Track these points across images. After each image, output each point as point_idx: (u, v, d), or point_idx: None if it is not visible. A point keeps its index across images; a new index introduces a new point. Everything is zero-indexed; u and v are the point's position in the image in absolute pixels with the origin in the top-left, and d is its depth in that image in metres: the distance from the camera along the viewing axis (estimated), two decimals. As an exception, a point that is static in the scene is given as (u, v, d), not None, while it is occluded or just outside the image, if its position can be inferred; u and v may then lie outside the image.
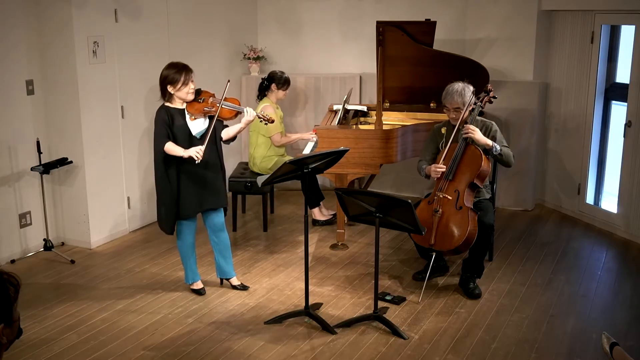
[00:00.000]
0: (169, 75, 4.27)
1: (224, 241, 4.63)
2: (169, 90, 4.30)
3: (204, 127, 4.38)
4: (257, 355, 3.84)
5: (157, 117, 4.32)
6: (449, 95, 4.67)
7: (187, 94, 4.30)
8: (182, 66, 4.29)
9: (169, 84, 4.28)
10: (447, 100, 4.68)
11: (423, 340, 4.02)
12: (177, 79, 4.25)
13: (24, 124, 5.24)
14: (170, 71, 4.27)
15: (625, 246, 5.58)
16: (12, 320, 1.81)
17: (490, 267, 5.07)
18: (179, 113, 4.34)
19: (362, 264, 5.20)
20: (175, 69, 4.27)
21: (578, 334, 4.09)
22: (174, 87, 4.27)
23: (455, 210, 4.52)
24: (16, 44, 5.11)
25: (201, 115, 4.37)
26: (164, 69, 4.32)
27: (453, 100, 4.63)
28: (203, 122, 4.39)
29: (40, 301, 4.54)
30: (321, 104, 6.97)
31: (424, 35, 5.62)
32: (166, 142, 4.26)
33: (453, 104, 4.64)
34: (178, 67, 4.28)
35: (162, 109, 4.33)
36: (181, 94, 4.29)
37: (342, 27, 6.98)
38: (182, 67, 4.28)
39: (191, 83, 4.30)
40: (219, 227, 4.58)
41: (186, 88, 4.28)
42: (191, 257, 4.61)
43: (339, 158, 4.26)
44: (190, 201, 4.38)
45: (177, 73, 4.26)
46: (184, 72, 4.27)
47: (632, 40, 5.49)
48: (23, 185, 5.29)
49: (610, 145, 6.06)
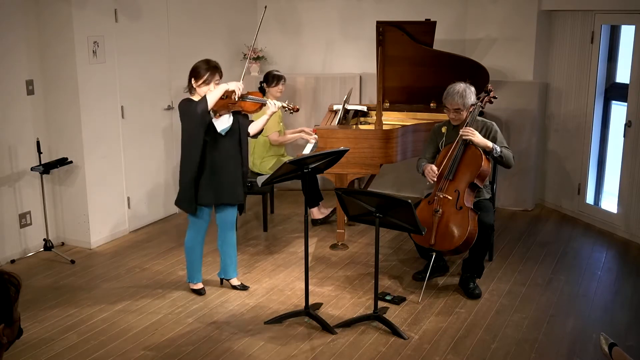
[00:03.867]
0: (197, 68, 4.31)
1: (231, 240, 4.64)
2: (192, 82, 4.32)
3: (228, 124, 4.37)
4: (257, 355, 3.85)
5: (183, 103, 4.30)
6: (449, 95, 4.67)
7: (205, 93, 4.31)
8: (213, 66, 4.31)
9: (194, 77, 4.31)
10: (448, 100, 4.68)
11: (423, 340, 4.02)
12: (201, 75, 4.28)
13: (24, 124, 5.24)
14: (201, 65, 4.30)
15: (625, 246, 5.58)
16: (13, 320, 1.81)
17: (490, 267, 5.07)
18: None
19: (362, 264, 5.20)
20: (205, 66, 4.30)
21: (578, 334, 4.09)
22: (196, 81, 4.30)
23: (455, 210, 4.52)
24: (16, 44, 5.11)
25: (225, 111, 4.37)
26: (198, 62, 4.34)
27: (453, 100, 4.63)
28: (228, 118, 4.38)
29: (40, 301, 4.54)
30: (321, 104, 6.97)
31: (424, 35, 5.62)
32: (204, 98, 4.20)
33: (453, 104, 4.64)
34: (208, 65, 4.30)
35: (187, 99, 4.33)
36: (200, 91, 4.31)
37: (342, 27, 6.98)
38: (212, 67, 4.30)
39: (213, 84, 4.30)
40: (230, 225, 4.59)
41: (205, 87, 4.29)
42: (198, 255, 4.60)
43: (339, 158, 4.26)
44: (207, 191, 4.37)
45: (205, 70, 4.28)
46: (210, 71, 4.28)
47: (632, 40, 5.49)
48: (23, 185, 5.29)
49: (610, 145, 6.06)
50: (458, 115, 4.67)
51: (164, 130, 6.16)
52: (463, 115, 4.68)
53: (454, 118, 4.69)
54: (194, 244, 4.56)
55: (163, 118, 6.13)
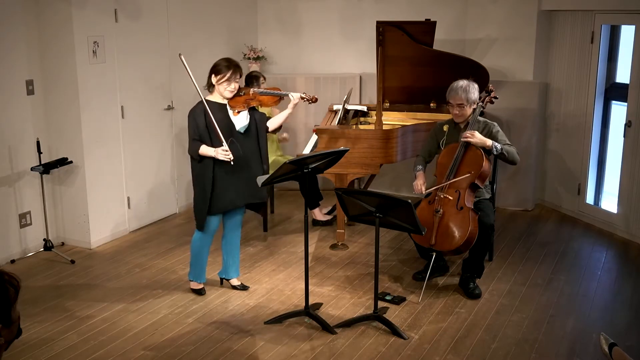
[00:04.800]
0: (218, 65, 4.30)
1: (235, 240, 4.64)
2: (212, 79, 4.31)
3: (247, 121, 4.38)
4: (257, 355, 3.84)
5: (190, 117, 4.31)
6: (452, 91, 4.67)
7: (226, 90, 4.30)
8: (234, 64, 4.31)
9: (214, 73, 4.30)
10: (451, 95, 4.67)
11: (423, 340, 4.02)
12: (223, 72, 4.27)
13: (24, 124, 5.24)
14: (222, 63, 4.30)
15: (625, 246, 5.58)
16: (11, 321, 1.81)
17: (490, 267, 5.07)
18: (219, 107, 4.33)
19: (362, 264, 5.20)
20: (227, 63, 4.29)
21: (578, 334, 4.09)
22: (217, 78, 4.29)
23: (456, 210, 4.52)
24: (16, 44, 5.11)
25: (244, 107, 4.36)
26: (219, 59, 4.34)
27: (457, 95, 4.63)
28: (246, 116, 4.39)
29: (40, 301, 4.53)
30: (321, 104, 6.96)
31: (424, 35, 5.62)
32: (199, 145, 4.25)
33: (457, 99, 4.64)
34: (230, 63, 4.30)
35: (199, 105, 4.32)
36: (221, 88, 4.30)
37: (342, 27, 6.98)
38: (234, 65, 4.30)
39: (234, 83, 4.30)
40: (236, 225, 4.60)
41: (227, 85, 4.29)
42: (205, 254, 4.58)
43: (339, 158, 4.26)
44: (225, 196, 4.35)
45: (227, 67, 4.27)
46: (232, 69, 4.28)
47: (632, 40, 5.49)
48: (23, 185, 5.29)
49: (610, 145, 6.06)
50: (462, 111, 4.66)
51: (164, 130, 6.16)
52: (466, 112, 4.67)
53: (458, 114, 4.68)
54: (203, 245, 4.54)
55: (163, 118, 6.13)
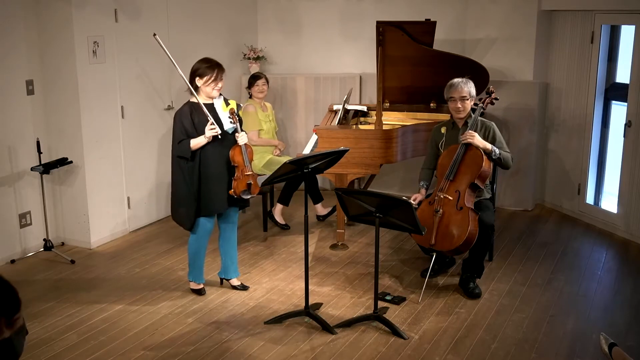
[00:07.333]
0: (199, 68, 4.32)
1: (232, 241, 4.64)
2: (196, 82, 4.33)
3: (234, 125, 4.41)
4: (257, 355, 3.84)
5: (176, 118, 4.33)
6: (453, 86, 4.68)
7: (213, 90, 4.33)
8: (215, 63, 4.34)
9: (198, 77, 4.32)
10: (453, 90, 4.67)
11: (423, 340, 4.02)
12: (208, 74, 4.30)
13: (24, 124, 5.24)
14: (202, 65, 4.33)
15: (625, 246, 5.58)
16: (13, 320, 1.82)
17: (490, 267, 5.07)
18: (206, 106, 4.34)
19: (362, 264, 5.20)
20: (208, 64, 4.32)
21: (578, 334, 4.09)
22: (203, 80, 4.31)
23: (456, 210, 4.52)
24: (16, 44, 5.11)
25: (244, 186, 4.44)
26: (197, 62, 4.36)
27: (460, 88, 4.64)
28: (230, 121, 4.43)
29: (40, 301, 4.53)
30: (321, 104, 6.97)
31: (424, 35, 5.62)
32: (188, 142, 4.27)
33: (461, 92, 4.65)
34: (210, 63, 4.33)
35: (185, 106, 4.35)
36: (208, 89, 4.33)
37: (342, 27, 6.98)
38: (214, 64, 4.33)
39: (220, 82, 4.34)
40: (232, 225, 4.61)
41: (213, 85, 4.32)
42: (202, 255, 4.59)
43: (339, 158, 4.26)
44: (214, 199, 4.37)
45: (209, 68, 4.30)
46: (216, 69, 4.31)
47: (632, 40, 5.49)
48: (23, 185, 5.29)
49: (610, 145, 6.06)
50: (464, 105, 4.66)
51: (164, 131, 6.16)
52: (468, 106, 4.68)
53: (460, 108, 4.67)
54: (199, 247, 4.55)
55: (163, 118, 6.13)
